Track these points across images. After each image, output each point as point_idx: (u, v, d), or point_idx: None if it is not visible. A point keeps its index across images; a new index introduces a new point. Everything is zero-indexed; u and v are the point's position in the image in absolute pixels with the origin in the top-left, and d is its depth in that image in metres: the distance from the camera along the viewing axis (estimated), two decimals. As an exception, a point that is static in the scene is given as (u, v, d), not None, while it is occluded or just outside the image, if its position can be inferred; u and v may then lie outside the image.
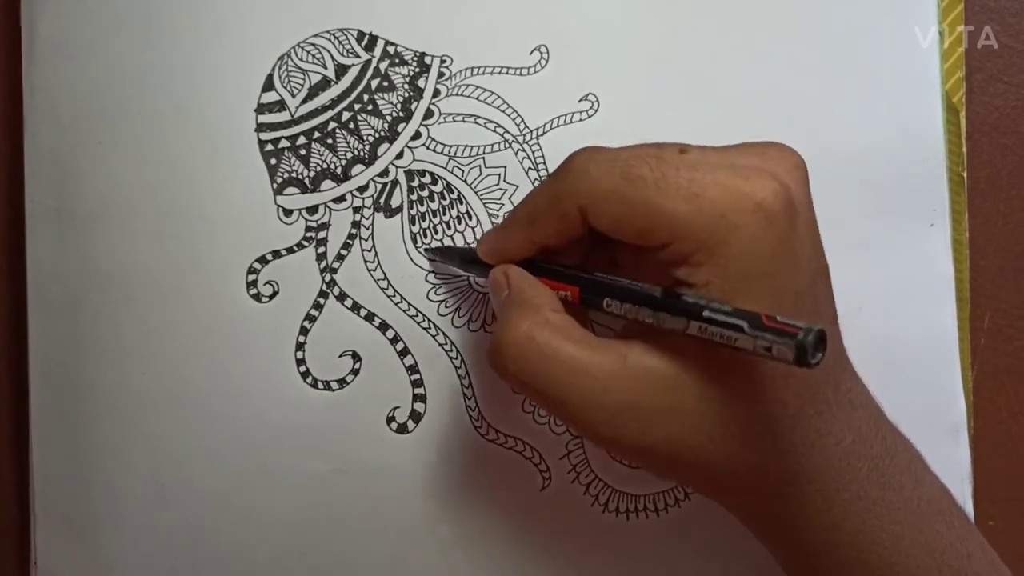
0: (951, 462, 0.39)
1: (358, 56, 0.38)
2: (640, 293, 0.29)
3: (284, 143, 0.37)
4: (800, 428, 0.28)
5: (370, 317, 0.37)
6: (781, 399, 0.28)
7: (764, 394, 0.28)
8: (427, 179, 0.38)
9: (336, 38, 0.38)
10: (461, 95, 0.38)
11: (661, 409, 0.28)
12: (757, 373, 0.28)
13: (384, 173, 0.38)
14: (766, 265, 0.27)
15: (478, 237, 0.38)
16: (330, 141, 0.38)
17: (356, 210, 0.37)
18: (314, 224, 0.37)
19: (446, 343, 0.37)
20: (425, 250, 0.38)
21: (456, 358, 0.38)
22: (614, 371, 0.28)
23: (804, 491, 0.29)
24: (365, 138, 0.38)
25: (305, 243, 0.37)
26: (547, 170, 0.38)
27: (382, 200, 0.38)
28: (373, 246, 0.37)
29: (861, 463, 0.29)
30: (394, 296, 0.37)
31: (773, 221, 0.27)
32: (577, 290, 0.31)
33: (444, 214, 0.38)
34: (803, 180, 0.29)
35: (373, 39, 0.38)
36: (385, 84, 0.38)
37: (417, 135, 0.38)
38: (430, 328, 0.37)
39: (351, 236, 0.37)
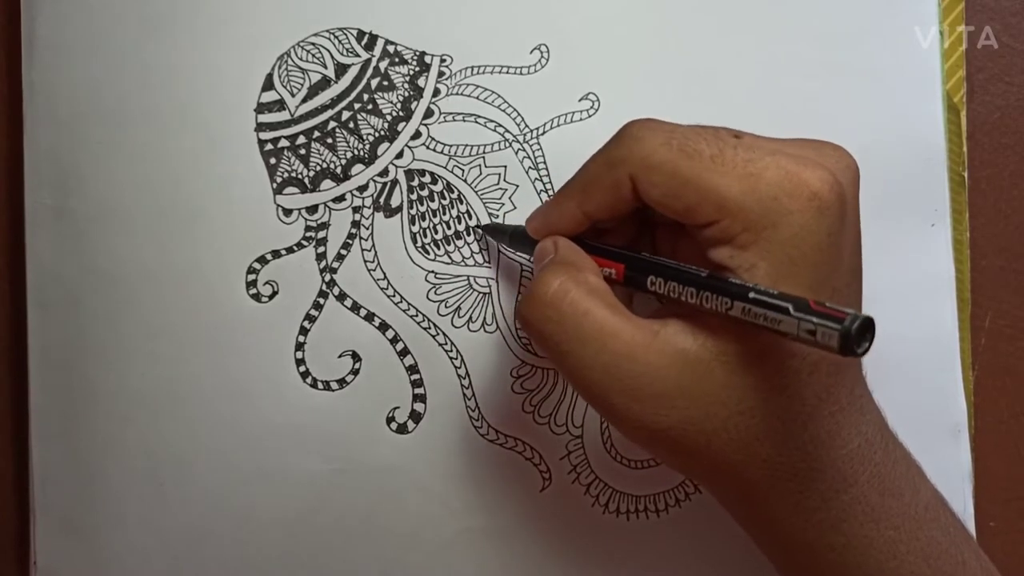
0: (952, 462, 0.39)
1: (358, 55, 0.38)
2: (685, 273, 0.28)
3: (284, 143, 0.37)
4: (812, 426, 0.28)
5: (370, 317, 0.37)
6: (800, 395, 0.28)
7: (787, 388, 0.28)
8: (427, 179, 0.38)
9: (336, 37, 0.38)
10: (461, 94, 0.38)
11: (684, 390, 0.28)
12: (785, 366, 0.28)
13: (384, 173, 0.38)
14: (812, 255, 0.27)
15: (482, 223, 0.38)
16: (330, 141, 0.37)
17: (356, 210, 0.37)
18: (314, 224, 0.37)
19: (446, 343, 0.37)
20: (475, 227, 0.38)
21: (456, 358, 0.37)
22: (643, 342, 0.28)
23: (805, 489, 0.29)
24: (365, 137, 0.38)
25: (305, 243, 0.37)
26: (547, 170, 0.38)
27: (382, 200, 0.38)
28: (373, 246, 0.37)
29: (864, 468, 0.29)
30: (394, 296, 0.37)
31: (825, 212, 0.27)
32: (623, 267, 0.31)
33: (444, 214, 0.38)
34: (854, 181, 0.29)
35: (373, 38, 0.38)
36: (385, 83, 0.38)
37: (417, 134, 0.38)
38: (430, 328, 0.37)
39: (351, 236, 0.37)
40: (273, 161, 0.37)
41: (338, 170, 0.37)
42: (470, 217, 0.38)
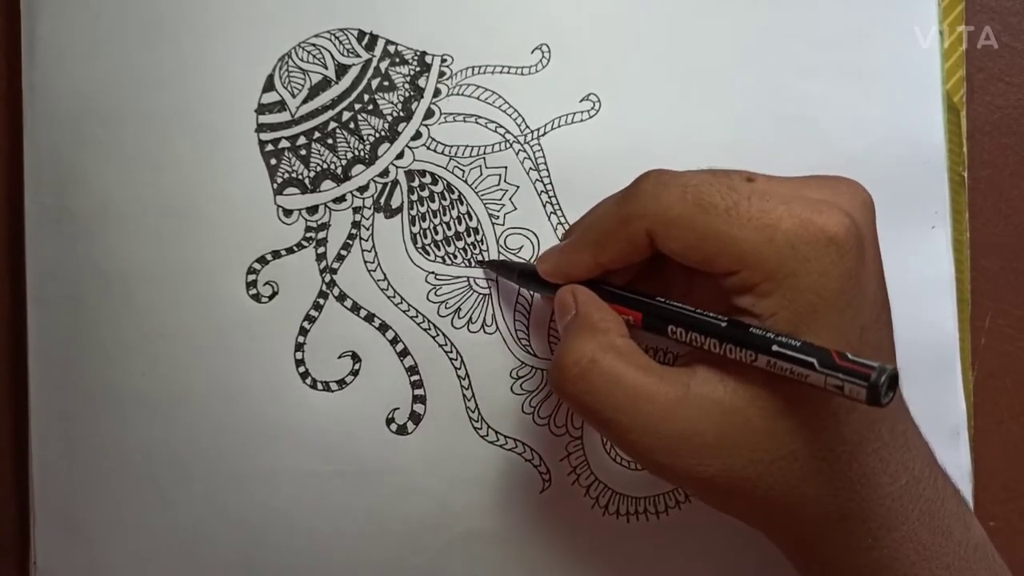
0: (952, 462, 0.39)
1: (358, 56, 0.38)
2: (706, 323, 0.29)
3: (284, 143, 0.37)
4: (857, 464, 0.28)
5: (370, 318, 0.37)
6: (841, 434, 0.28)
7: (826, 429, 0.28)
8: (427, 179, 0.38)
9: (336, 38, 0.38)
10: (462, 95, 0.38)
11: (723, 440, 0.28)
12: (821, 407, 0.28)
13: (384, 173, 0.38)
14: (834, 299, 0.27)
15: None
16: (330, 141, 0.37)
17: (356, 210, 0.37)
18: (314, 224, 0.37)
19: (446, 344, 0.37)
20: (479, 263, 0.38)
21: (456, 359, 0.37)
22: (677, 399, 0.28)
23: (856, 528, 0.29)
24: (365, 138, 0.38)
25: (305, 243, 0.37)
26: (548, 171, 0.38)
27: (382, 200, 0.38)
28: (373, 246, 0.37)
29: (914, 504, 0.29)
30: (394, 297, 0.37)
31: (844, 256, 0.27)
32: (640, 315, 0.31)
33: (444, 214, 0.38)
34: (871, 217, 0.29)
35: (373, 38, 0.38)
36: (386, 84, 0.38)
37: (418, 135, 0.38)
38: (430, 329, 0.37)
39: (351, 236, 0.37)
40: (273, 162, 0.37)
41: (338, 171, 0.37)
42: (470, 218, 0.38)
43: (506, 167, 0.38)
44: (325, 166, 0.37)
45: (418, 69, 0.38)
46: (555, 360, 0.30)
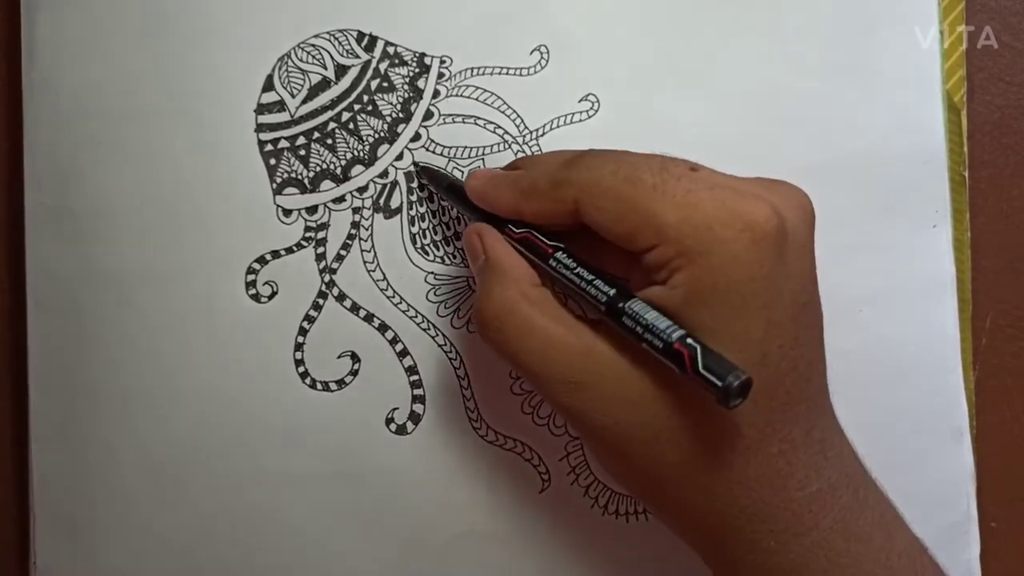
0: (954, 463, 0.39)
1: (358, 56, 0.38)
2: (587, 298, 0.30)
3: (284, 143, 0.37)
4: (756, 463, 0.28)
5: (369, 318, 0.37)
6: (737, 426, 0.28)
7: (721, 415, 0.28)
8: (426, 180, 0.38)
9: (336, 39, 0.38)
10: (461, 96, 0.38)
11: (618, 395, 0.29)
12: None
13: (384, 174, 0.38)
14: (741, 285, 0.27)
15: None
16: (330, 142, 0.37)
17: (356, 211, 0.37)
18: (313, 224, 0.37)
19: (445, 344, 0.37)
20: (415, 164, 0.38)
21: (455, 359, 0.37)
22: (582, 351, 0.29)
23: (758, 528, 0.29)
24: (365, 139, 0.38)
25: (304, 243, 0.37)
26: (547, 171, 0.38)
27: (382, 201, 0.38)
28: (372, 247, 0.37)
29: (826, 511, 0.29)
30: (393, 297, 0.37)
31: (759, 244, 0.27)
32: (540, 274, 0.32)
33: (444, 215, 0.38)
34: (805, 220, 0.29)
35: (373, 39, 0.38)
36: (385, 85, 0.38)
37: (417, 136, 0.38)
38: (429, 329, 0.37)
39: (350, 237, 0.37)
40: (273, 162, 0.37)
41: (338, 171, 0.37)
42: (470, 219, 0.38)
43: (505, 168, 0.38)
44: (324, 166, 0.37)
45: (417, 70, 0.38)
46: (475, 306, 0.31)
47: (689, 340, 0.27)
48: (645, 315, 0.28)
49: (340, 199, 0.38)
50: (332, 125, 0.38)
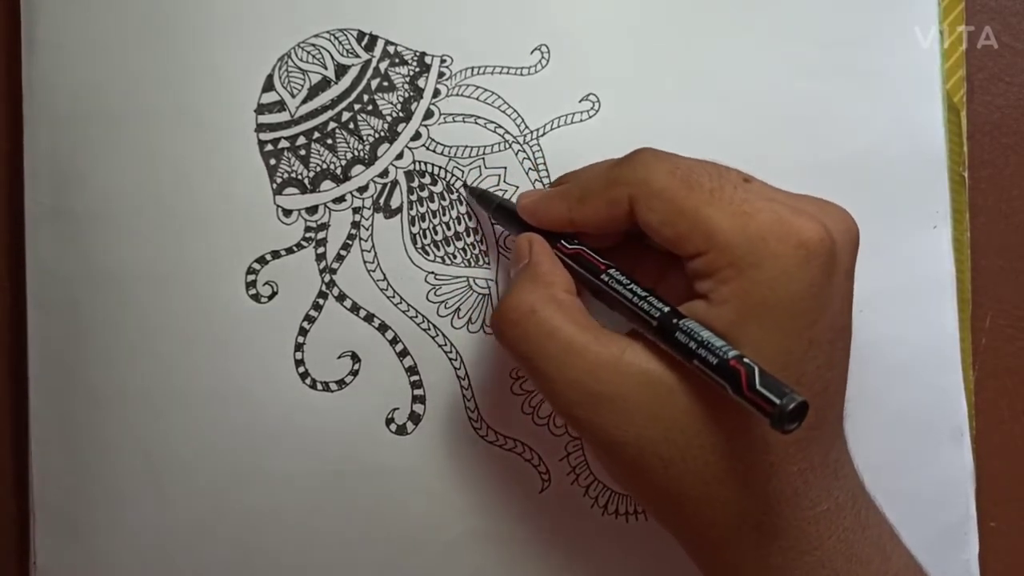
0: (953, 463, 0.39)
1: (358, 56, 0.38)
2: (639, 315, 0.29)
3: (284, 143, 0.37)
4: (777, 480, 0.28)
5: (369, 318, 0.37)
6: (766, 442, 0.28)
7: (750, 431, 0.28)
8: (427, 180, 0.38)
9: (336, 38, 0.38)
10: (461, 95, 0.38)
11: (643, 409, 0.28)
12: (751, 418, 0.28)
13: (384, 174, 0.38)
14: (790, 302, 0.27)
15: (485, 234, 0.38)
16: (330, 141, 0.37)
17: (356, 210, 0.37)
18: (313, 224, 0.37)
19: (445, 344, 0.37)
20: (464, 186, 0.38)
21: (455, 359, 0.37)
22: (607, 361, 0.28)
23: (768, 545, 0.29)
24: (365, 138, 0.38)
25: (304, 243, 0.37)
26: (547, 171, 0.38)
27: (382, 201, 0.38)
28: (373, 247, 0.37)
29: (831, 532, 0.29)
30: (393, 297, 0.37)
31: (810, 263, 0.27)
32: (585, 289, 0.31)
33: (444, 215, 0.38)
34: (851, 244, 0.29)
35: (373, 39, 0.38)
36: (385, 84, 0.38)
37: (417, 135, 0.38)
38: (429, 329, 0.37)
39: (351, 237, 0.37)
40: (273, 162, 0.37)
41: (338, 171, 0.37)
42: (470, 218, 0.38)
43: (505, 167, 0.38)
44: (325, 166, 0.37)
45: (417, 69, 0.38)
46: (497, 305, 0.31)
47: (745, 359, 0.26)
48: (700, 332, 0.27)
49: (340, 199, 0.37)
50: (332, 125, 0.38)
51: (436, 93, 0.38)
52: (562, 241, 0.33)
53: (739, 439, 0.28)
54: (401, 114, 0.38)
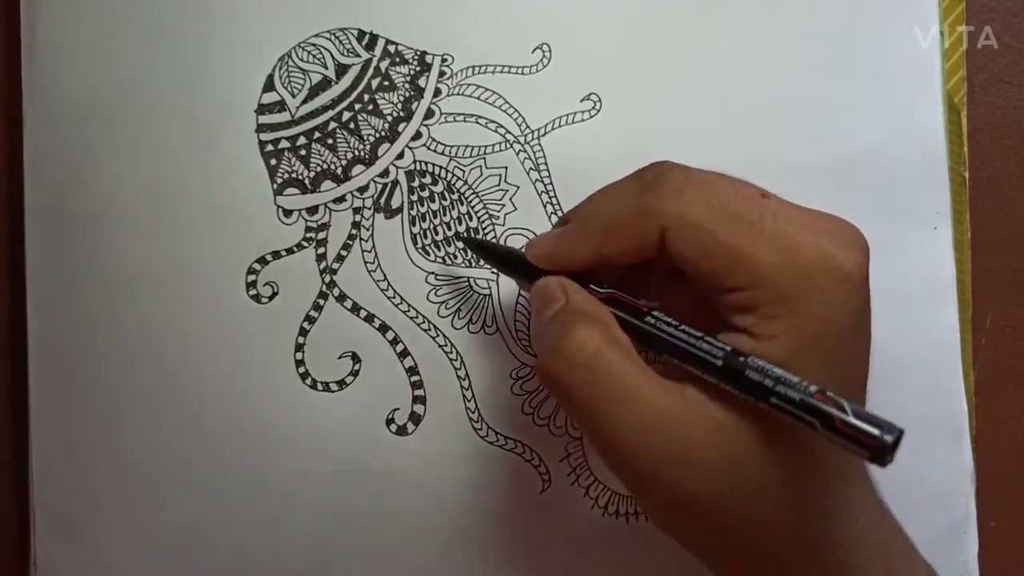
0: (954, 463, 0.38)
1: (359, 55, 0.38)
2: (702, 354, 0.27)
3: (284, 143, 0.37)
4: (826, 500, 0.28)
5: (370, 318, 0.37)
6: (820, 466, 0.28)
7: (808, 458, 0.27)
8: (428, 179, 0.38)
9: (336, 38, 0.38)
10: (462, 95, 0.38)
11: (712, 458, 0.27)
12: (806, 437, 0.27)
13: (384, 173, 0.38)
14: (838, 335, 0.27)
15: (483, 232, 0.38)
16: (330, 141, 0.37)
17: (356, 211, 0.37)
18: (314, 225, 0.37)
19: (446, 345, 0.37)
20: (460, 238, 0.37)
21: (456, 360, 0.37)
22: (673, 408, 0.27)
23: (811, 568, 0.28)
24: (365, 138, 0.38)
25: (305, 244, 0.37)
26: (548, 171, 0.38)
27: (382, 201, 0.38)
28: (373, 247, 0.37)
29: (866, 545, 0.29)
30: (394, 297, 0.37)
31: (856, 294, 0.27)
32: (633, 337, 0.29)
33: (445, 215, 0.38)
34: (868, 262, 0.29)
35: (374, 38, 0.38)
36: (386, 84, 0.38)
37: (418, 135, 0.38)
38: (430, 330, 0.37)
39: (351, 237, 0.37)
40: (273, 162, 0.37)
41: (338, 171, 0.37)
42: (471, 218, 0.38)
43: (506, 167, 0.38)
44: (325, 166, 0.37)
45: (418, 69, 0.38)
46: (552, 347, 0.28)
47: (829, 393, 0.25)
48: (774, 369, 0.26)
49: (341, 199, 0.37)
50: (333, 125, 0.37)
51: (437, 92, 0.38)
52: (592, 285, 0.31)
53: (800, 471, 0.27)
54: (402, 114, 0.38)
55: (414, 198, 0.38)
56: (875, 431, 0.24)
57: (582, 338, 0.27)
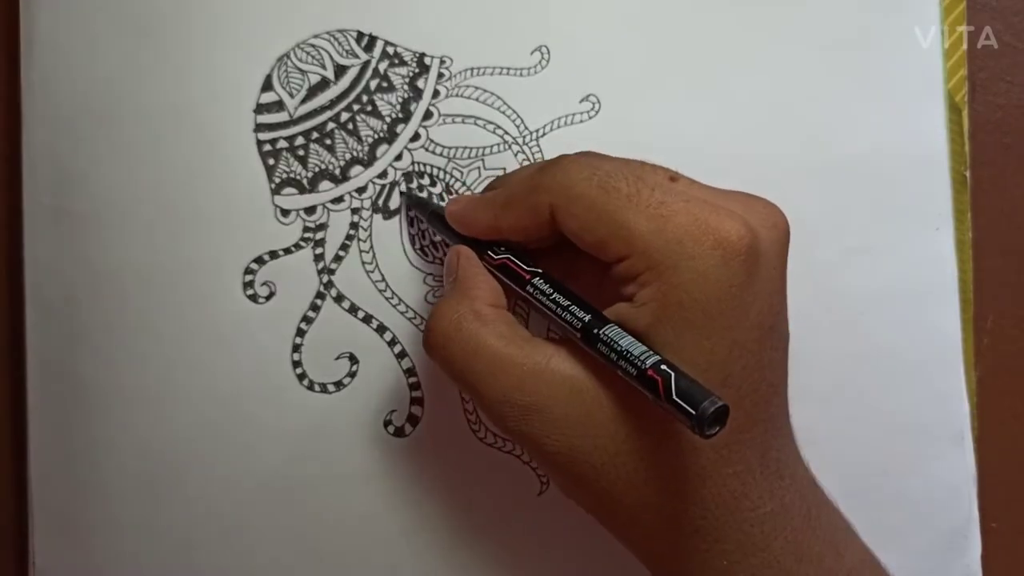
0: (955, 464, 0.38)
1: (357, 57, 0.38)
2: (564, 323, 0.29)
3: (282, 143, 0.37)
4: (712, 484, 0.28)
5: (368, 319, 0.37)
6: (696, 448, 0.28)
7: (678, 436, 0.28)
8: (426, 181, 0.38)
9: (335, 39, 0.38)
10: (460, 96, 0.38)
11: (570, 418, 0.28)
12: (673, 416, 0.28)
13: (383, 174, 0.38)
14: (708, 303, 0.27)
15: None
16: (328, 142, 0.37)
17: (354, 211, 0.37)
18: (312, 225, 0.37)
19: (444, 345, 0.37)
20: (402, 193, 0.37)
21: (454, 360, 0.37)
22: (532, 371, 0.29)
23: (711, 548, 0.29)
24: (364, 139, 0.38)
25: (303, 244, 0.37)
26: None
27: (380, 201, 0.38)
28: (371, 247, 0.37)
29: (778, 532, 0.29)
30: (392, 298, 0.37)
31: (728, 263, 0.27)
32: (513, 297, 0.32)
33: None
34: (779, 240, 0.29)
35: (372, 40, 0.38)
36: (384, 85, 0.38)
37: (416, 136, 0.38)
38: (428, 330, 0.37)
39: (349, 237, 0.37)
40: (272, 162, 0.37)
41: (337, 171, 0.37)
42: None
43: (504, 168, 0.38)
44: (323, 167, 0.37)
45: (417, 70, 0.38)
46: (425, 324, 0.31)
47: (663, 367, 0.26)
48: (620, 341, 0.27)
49: (339, 199, 0.37)
50: (331, 125, 0.37)
51: (435, 94, 0.38)
52: (490, 251, 0.32)
53: (668, 444, 0.28)
54: (400, 115, 0.38)
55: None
56: (691, 409, 0.25)
57: (443, 316, 0.30)
